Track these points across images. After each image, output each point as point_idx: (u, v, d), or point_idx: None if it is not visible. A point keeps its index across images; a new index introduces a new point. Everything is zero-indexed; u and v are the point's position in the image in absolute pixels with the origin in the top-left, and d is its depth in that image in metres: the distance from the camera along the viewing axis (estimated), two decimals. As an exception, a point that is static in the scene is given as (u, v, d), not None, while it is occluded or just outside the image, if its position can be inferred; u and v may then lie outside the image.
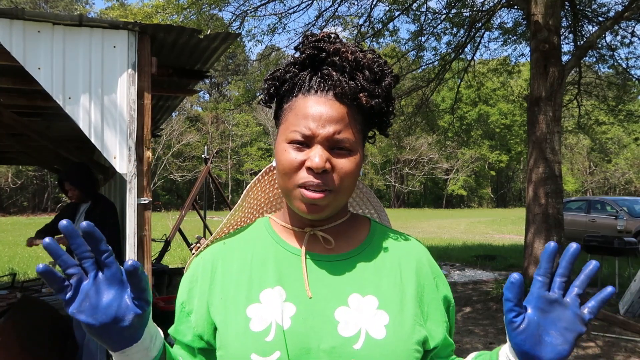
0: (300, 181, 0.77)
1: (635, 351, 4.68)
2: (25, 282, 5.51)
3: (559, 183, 6.53)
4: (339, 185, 0.78)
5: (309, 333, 0.76)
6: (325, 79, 0.78)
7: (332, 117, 0.76)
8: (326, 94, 0.77)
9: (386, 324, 0.77)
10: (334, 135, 0.76)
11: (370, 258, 0.85)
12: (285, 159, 0.78)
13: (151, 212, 2.75)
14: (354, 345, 0.74)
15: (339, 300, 0.78)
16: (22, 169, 33.73)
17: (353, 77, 0.77)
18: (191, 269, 0.88)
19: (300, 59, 0.81)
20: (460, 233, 18.47)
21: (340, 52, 0.78)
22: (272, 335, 0.75)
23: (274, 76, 0.83)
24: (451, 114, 12.62)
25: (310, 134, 0.76)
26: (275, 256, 0.84)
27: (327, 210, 0.79)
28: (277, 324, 0.76)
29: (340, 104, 0.77)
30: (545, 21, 6.40)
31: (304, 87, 0.79)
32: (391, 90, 0.82)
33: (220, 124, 44.10)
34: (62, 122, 4.64)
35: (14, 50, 2.46)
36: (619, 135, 34.35)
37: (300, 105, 0.78)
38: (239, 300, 0.80)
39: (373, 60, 0.80)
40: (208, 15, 9.03)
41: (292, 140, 0.77)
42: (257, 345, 0.74)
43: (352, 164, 0.78)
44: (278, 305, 0.77)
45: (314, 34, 0.82)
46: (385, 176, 46.16)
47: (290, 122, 0.78)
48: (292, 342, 0.75)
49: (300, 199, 0.77)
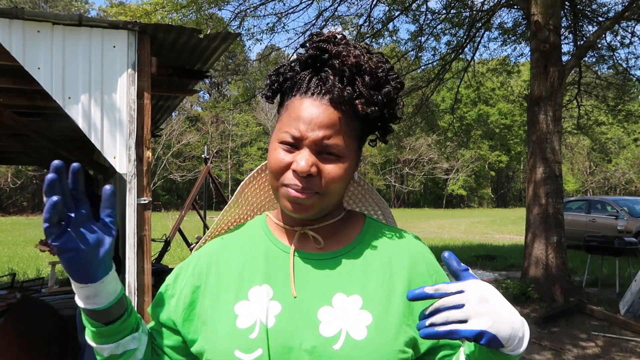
0: (285, 182, 0.78)
1: (635, 351, 4.67)
2: (25, 282, 5.51)
3: (559, 183, 6.53)
4: (324, 189, 0.77)
5: (292, 332, 0.76)
6: (323, 82, 0.77)
7: (323, 122, 0.75)
8: (322, 97, 0.77)
9: (368, 324, 0.76)
10: (323, 140, 0.76)
11: (359, 256, 0.84)
12: (273, 159, 0.79)
13: (151, 212, 2.75)
14: (334, 346, 0.74)
15: (323, 300, 0.78)
16: (21, 168, 33.72)
17: (352, 82, 0.76)
18: (186, 260, 0.91)
19: (303, 58, 0.80)
20: (460, 233, 18.46)
21: (342, 56, 0.76)
22: (256, 332, 0.75)
23: (277, 72, 0.83)
24: (451, 114, 12.62)
25: (299, 136, 0.76)
26: (266, 254, 0.84)
27: (312, 210, 0.79)
28: (261, 322, 0.76)
29: (334, 109, 0.76)
30: (546, 21, 6.40)
31: (302, 87, 0.79)
32: (392, 97, 0.80)
33: (220, 123, 44.09)
34: (62, 122, 4.64)
35: (13, 50, 2.46)
36: (619, 135, 34.33)
37: (295, 106, 0.78)
38: (229, 296, 0.81)
39: (377, 65, 0.78)
40: (207, 14, 9.03)
41: (283, 140, 0.78)
42: (241, 342, 0.75)
43: (339, 170, 0.77)
44: (264, 303, 0.78)
45: (321, 33, 0.82)
46: (385, 176, 46.17)
47: (283, 122, 0.79)
48: (275, 341, 0.75)
49: (286, 197, 0.78)
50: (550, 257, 6.38)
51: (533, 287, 6.28)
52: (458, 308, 0.64)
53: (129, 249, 2.66)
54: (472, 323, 0.64)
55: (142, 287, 2.70)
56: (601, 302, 6.21)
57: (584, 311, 5.79)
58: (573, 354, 4.61)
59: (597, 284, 7.42)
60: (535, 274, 6.46)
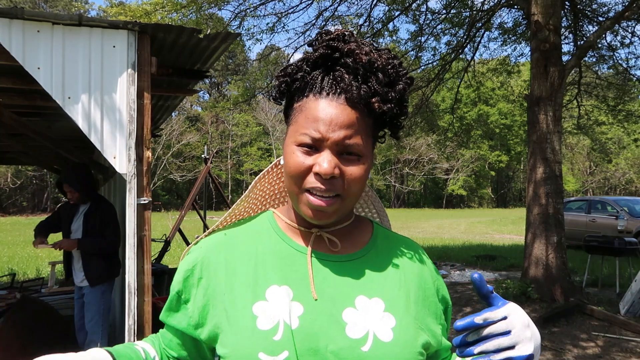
0: (307, 186, 0.76)
1: (635, 351, 4.67)
2: (25, 282, 5.51)
3: (559, 183, 6.53)
4: (346, 191, 0.77)
5: (317, 333, 0.75)
6: (337, 81, 0.76)
7: (343, 122, 0.74)
8: (337, 97, 0.75)
9: (393, 326, 0.77)
10: (344, 140, 0.75)
11: (375, 260, 0.85)
12: (293, 162, 0.76)
13: (151, 212, 2.75)
14: (362, 347, 0.74)
15: (346, 302, 0.78)
16: (21, 169, 33.73)
17: (366, 80, 0.76)
18: (189, 258, 0.86)
19: (313, 57, 0.78)
20: (460, 233, 18.47)
21: (354, 54, 0.75)
22: (280, 334, 0.74)
23: (285, 72, 0.81)
24: (451, 114, 12.62)
25: (320, 138, 0.74)
26: (280, 254, 0.83)
27: (334, 216, 0.78)
28: (285, 323, 0.75)
29: (352, 108, 0.75)
30: (546, 21, 6.40)
31: (315, 87, 0.77)
32: (405, 94, 0.80)
33: (220, 123, 44.11)
34: (62, 122, 4.64)
35: (13, 50, 2.46)
36: (619, 135, 34.34)
37: (311, 107, 0.76)
38: (245, 296, 0.78)
39: (388, 61, 0.77)
40: (207, 14, 9.03)
41: (301, 143, 0.76)
42: (265, 344, 0.73)
43: (361, 170, 0.77)
44: (285, 304, 0.76)
45: (329, 31, 0.80)
46: (385, 176, 46.15)
47: (300, 124, 0.77)
48: (300, 342, 0.74)
49: (307, 204, 0.77)
50: (550, 257, 6.38)
51: (533, 287, 6.27)
52: (506, 335, 0.68)
53: (129, 249, 2.66)
54: (521, 349, 0.67)
55: (142, 287, 2.70)
56: (601, 302, 6.21)
57: (584, 311, 5.79)
58: (573, 354, 4.61)
59: (597, 284, 7.42)
60: (536, 274, 6.45)
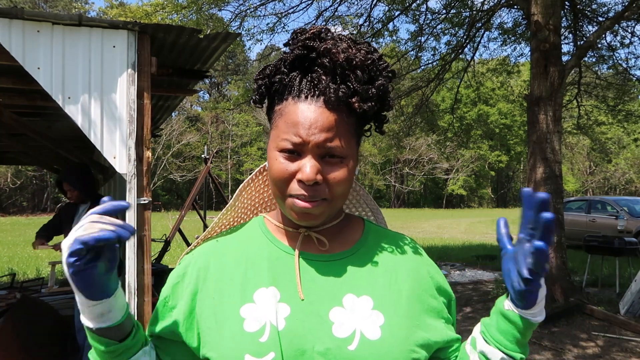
0: (291, 192, 0.76)
1: (635, 351, 4.67)
2: (25, 283, 5.51)
3: (559, 183, 6.53)
4: (332, 194, 0.76)
5: (304, 334, 0.74)
6: (315, 83, 0.75)
7: (323, 125, 0.73)
8: (316, 100, 0.74)
9: (381, 324, 0.76)
10: (325, 143, 0.74)
11: (365, 258, 0.84)
12: (276, 169, 0.76)
13: (151, 212, 2.75)
14: (349, 347, 0.73)
15: (333, 301, 0.77)
16: (21, 169, 33.73)
17: (345, 79, 0.75)
18: (180, 266, 0.87)
19: (289, 58, 0.77)
20: (460, 233, 18.47)
21: (331, 53, 0.74)
22: (267, 336, 0.73)
23: (263, 75, 0.80)
24: (451, 114, 12.62)
25: (301, 142, 0.74)
26: (269, 256, 0.83)
27: (320, 217, 0.78)
28: (271, 325, 0.74)
29: (331, 111, 0.74)
30: (546, 21, 6.40)
31: (294, 90, 0.76)
32: (386, 89, 0.78)
33: (220, 123, 44.12)
34: (62, 122, 4.64)
35: (13, 50, 2.46)
36: (619, 135, 34.34)
37: (290, 111, 0.75)
38: (233, 299, 0.78)
39: (366, 57, 0.76)
40: (207, 15, 9.02)
41: (283, 148, 0.75)
42: (251, 345, 0.73)
43: (344, 172, 0.76)
44: (272, 305, 0.76)
45: (304, 29, 0.79)
46: (385, 176, 46.15)
47: (281, 129, 0.76)
48: (287, 343, 0.73)
49: (292, 208, 0.76)
50: (550, 257, 6.38)
51: (533, 287, 6.27)
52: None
53: (129, 249, 2.66)
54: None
55: (142, 287, 2.70)
56: (601, 302, 6.21)
57: (584, 311, 5.79)
58: (573, 354, 4.61)
59: (597, 284, 7.42)
60: (535, 274, 6.45)
